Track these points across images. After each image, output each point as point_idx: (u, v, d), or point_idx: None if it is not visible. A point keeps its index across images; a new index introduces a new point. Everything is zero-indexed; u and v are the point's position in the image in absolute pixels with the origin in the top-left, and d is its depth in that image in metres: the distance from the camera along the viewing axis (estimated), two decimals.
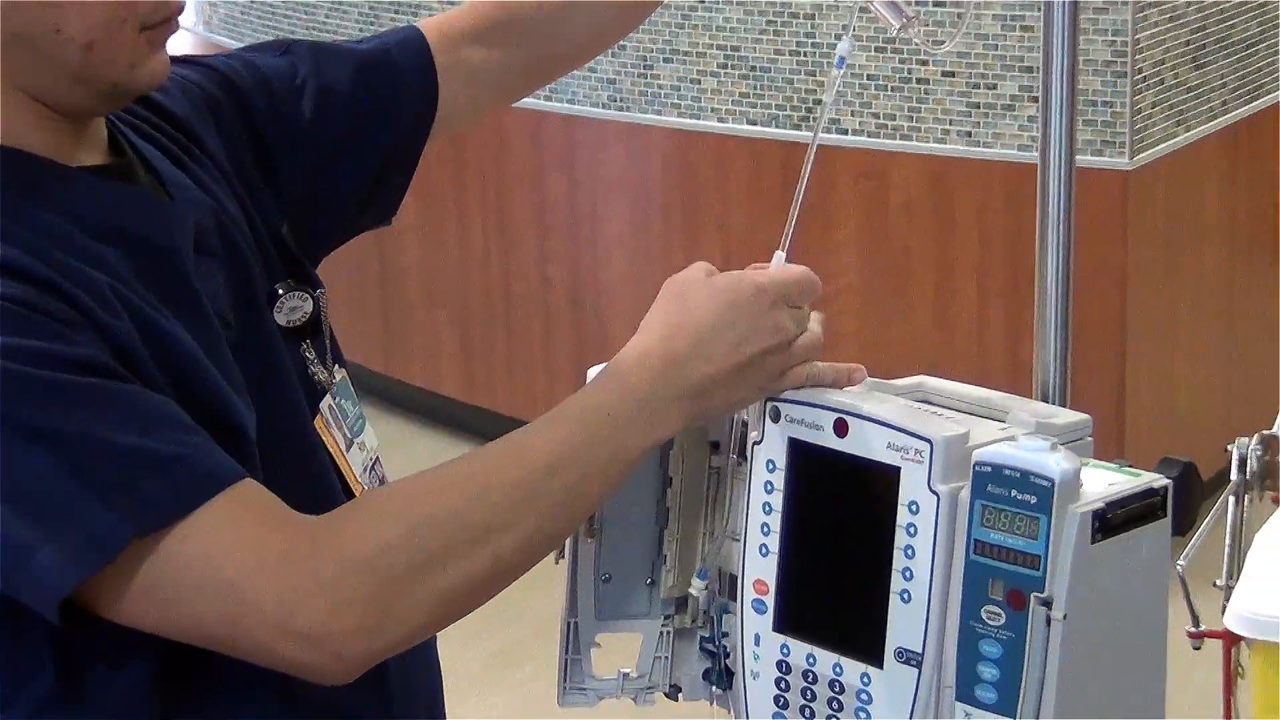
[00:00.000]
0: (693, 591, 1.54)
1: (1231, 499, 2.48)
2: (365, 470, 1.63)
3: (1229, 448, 2.50)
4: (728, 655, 1.52)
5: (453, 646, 1.46)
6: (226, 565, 1.34)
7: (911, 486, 1.37)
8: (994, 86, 4.23)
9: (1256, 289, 4.89)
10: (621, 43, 4.44)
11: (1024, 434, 1.38)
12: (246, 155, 1.64)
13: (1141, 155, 4.23)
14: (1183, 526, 1.51)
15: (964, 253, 4.41)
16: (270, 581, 1.34)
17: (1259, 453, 2.49)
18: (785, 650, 1.46)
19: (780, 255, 1.50)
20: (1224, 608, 2.44)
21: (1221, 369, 4.71)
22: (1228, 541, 2.48)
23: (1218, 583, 2.47)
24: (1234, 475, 2.48)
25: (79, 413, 1.32)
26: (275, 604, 1.33)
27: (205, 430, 1.39)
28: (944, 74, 4.27)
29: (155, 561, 1.33)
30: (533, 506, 1.39)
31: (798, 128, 4.47)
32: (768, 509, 1.46)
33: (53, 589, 1.32)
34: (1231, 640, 2.44)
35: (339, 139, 1.70)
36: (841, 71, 1.56)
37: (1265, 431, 2.51)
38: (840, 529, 1.43)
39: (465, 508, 1.38)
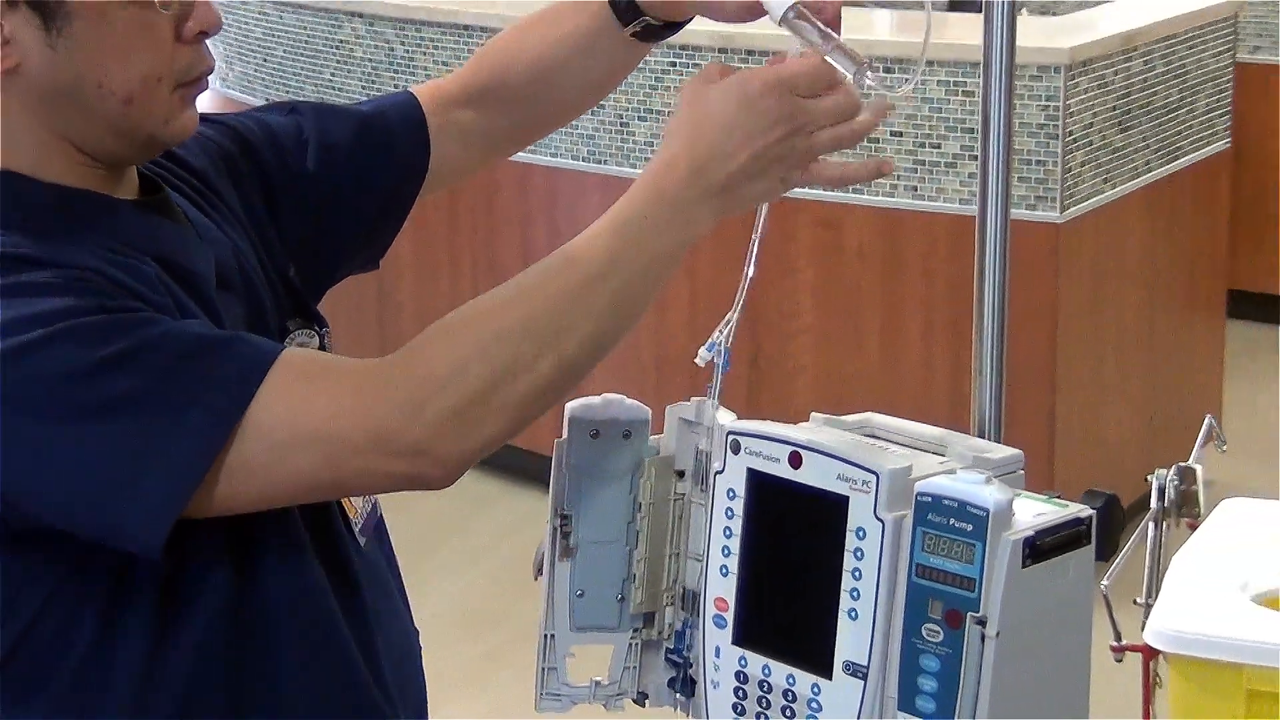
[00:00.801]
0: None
1: (1151, 525, 2.48)
2: (361, 497, 1.63)
3: (1149, 478, 2.50)
4: (690, 666, 1.51)
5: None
6: (308, 417, 1.36)
7: (859, 514, 1.36)
8: (938, 146, 4.24)
9: (1174, 333, 4.91)
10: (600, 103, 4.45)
11: (962, 468, 1.38)
12: (258, 203, 1.65)
13: (1071, 210, 4.25)
14: (1105, 552, 1.51)
15: (910, 296, 4.42)
16: (353, 419, 1.36)
17: (1176, 483, 2.50)
18: (743, 662, 1.45)
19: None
20: (1144, 624, 2.44)
21: (1142, 406, 4.72)
22: (1147, 564, 2.48)
23: (1138, 601, 2.47)
24: (1154, 503, 2.48)
25: (141, 330, 1.35)
26: (365, 435, 1.36)
27: None
28: (892, 134, 4.28)
29: (244, 438, 1.34)
30: (588, 311, 1.39)
31: None
32: (728, 533, 1.46)
33: (167, 506, 1.34)
34: (1150, 654, 2.44)
35: (339, 189, 1.70)
36: None
37: (1182, 464, 2.52)
38: (794, 552, 1.43)
39: (527, 320, 1.39)
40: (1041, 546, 1.33)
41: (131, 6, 1.41)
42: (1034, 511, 1.36)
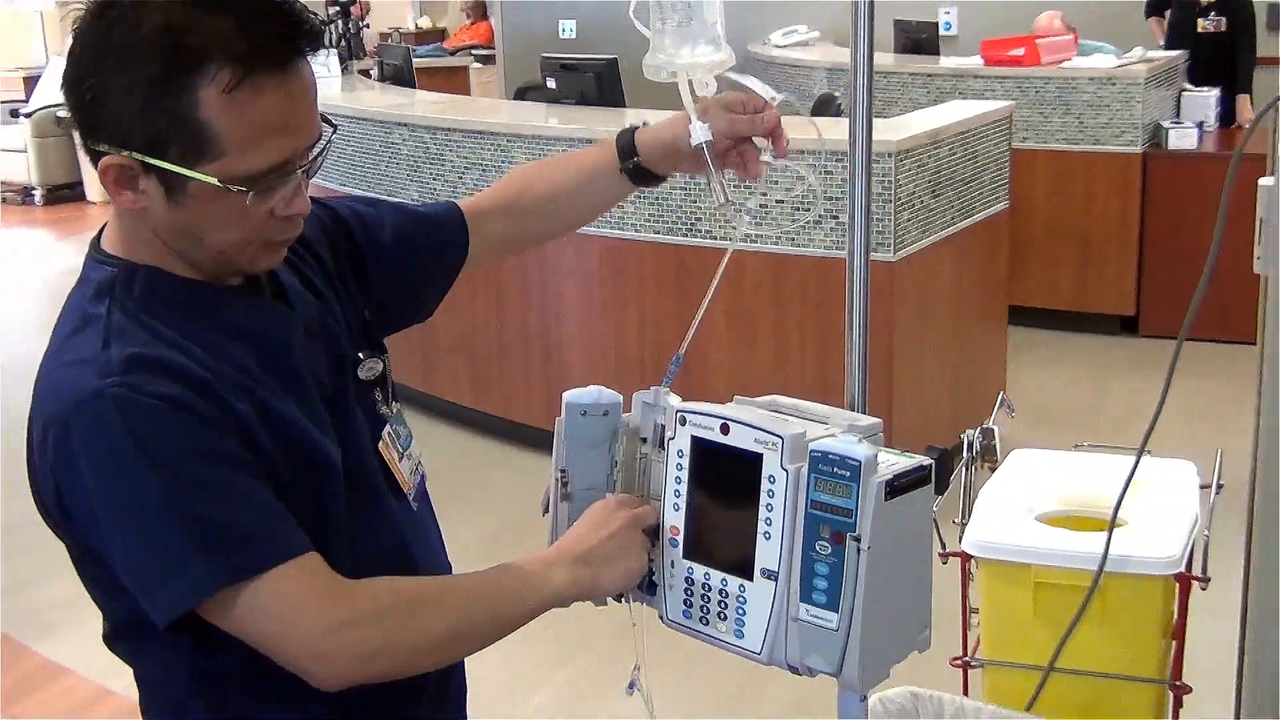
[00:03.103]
0: None
1: (964, 469, 2.49)
2: (411, 472, 1.58)
3: (961, 436, 2.51)
4: (653, 574, 1.50)
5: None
6: (287, 608, 1.30)
7: (770, 466, 1.36)
8: (809, 210, 4.24)
9: (973, 336, 4.93)
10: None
11: (841, 432, 1.37)
12: (345, 265, 1.60)
13: (901, 252, 4.26)
14: (940, 488, 1.50)
15: (792, 314, 4.42)
16: (311, 624, 1.30)
17: (980, 439, 2.51)
18: (690, 571, 1.45)
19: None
20: (960, 537, 2.45)
21: (953, 386, 4.74)
22: (962, 496, 2.49)
23: (956, 521, 2.49)
24: (965, 454, 2.49)
25: (209, 500, 1.29)
26: (311, 638, 1.31)
27: (303, 469, 1.36)
28: (776, 202, 4.28)
29: (242, 596, 1.29)
30: (469, 611, 1.38)
31: (685, 235, 4.46)
32: (678, 480, 1.45)
33: (167, 613, 1.30)
34: (966, 559, 2.45)
35: (404, 265, 1.66)
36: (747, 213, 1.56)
37: (984, 426, 2.53)
38: (725, 493, 1.42)
39: (432, 603, 1.37)
40: (898, 486, 1.33)
41: (234, 198, 1.32)
42: (891, 461, 1.35)
